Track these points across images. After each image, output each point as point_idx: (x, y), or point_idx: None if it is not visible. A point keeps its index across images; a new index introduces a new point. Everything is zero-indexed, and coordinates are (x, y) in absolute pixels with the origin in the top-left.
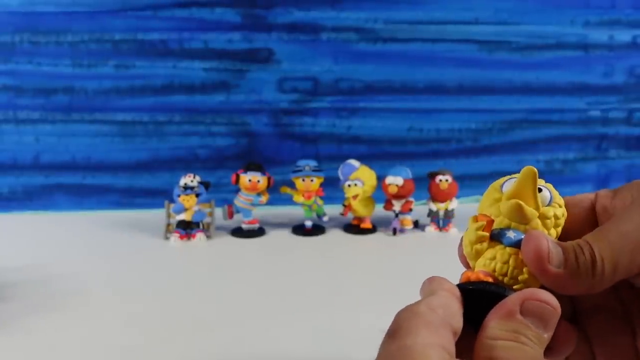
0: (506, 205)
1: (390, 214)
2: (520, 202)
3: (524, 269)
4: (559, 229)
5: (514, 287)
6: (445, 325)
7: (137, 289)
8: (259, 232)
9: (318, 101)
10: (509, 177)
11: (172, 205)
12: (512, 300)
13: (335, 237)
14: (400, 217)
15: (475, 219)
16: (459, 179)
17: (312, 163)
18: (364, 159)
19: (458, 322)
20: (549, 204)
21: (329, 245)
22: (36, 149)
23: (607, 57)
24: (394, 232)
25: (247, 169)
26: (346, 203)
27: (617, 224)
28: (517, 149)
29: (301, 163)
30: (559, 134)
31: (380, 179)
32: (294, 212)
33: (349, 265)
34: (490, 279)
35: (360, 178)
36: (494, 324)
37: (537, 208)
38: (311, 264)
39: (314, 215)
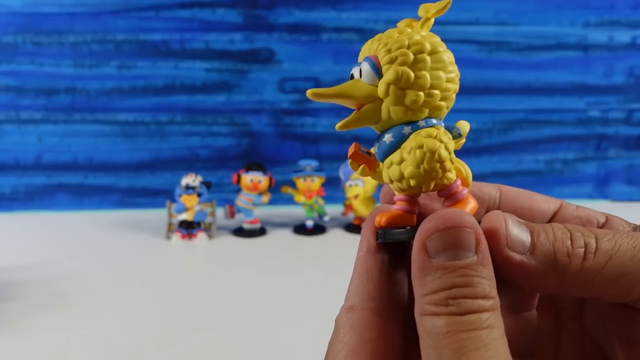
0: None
1: None
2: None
3: (420, 164)
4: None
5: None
6: (363, 344)
7: (139, 289)
8: (260, 232)
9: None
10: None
11: (173, 205)
12: (416, 249)
13: (336, 236)
14: None
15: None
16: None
17: (313, 163)
18: None
19: (380, 299)
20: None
21: (330, 245)
22: (38, 149)
23: (606, 58)
24: None
25: (249, 168)
26: (347, 203)
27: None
28: (517, 149)
29: (302, 163)
30: (559, 134)
31: None
32: (295, 212)
33: (350, 264)
34: (398, 214)
35: (361, 178)
36: (418, 292)
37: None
38: (312, 263)
39: (315, 215)
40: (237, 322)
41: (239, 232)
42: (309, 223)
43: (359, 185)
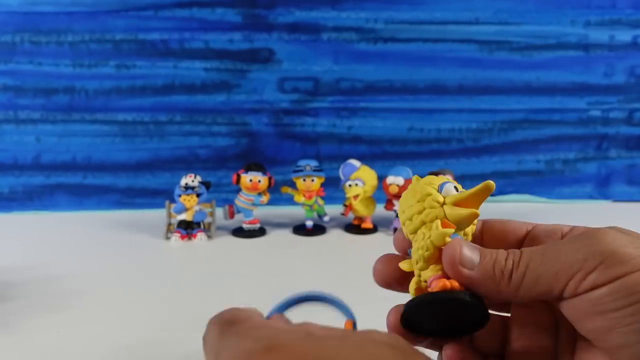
0: (461, 213)
1: (391, 213)
2: (478, 212)
3: None
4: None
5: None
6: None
7: (138, 289)
8: (259, 232)
9: (319, 101)
10: (439, 177)
11: (173, 205)
12: None
13: (336, 237)
14: None
15: (444, 224)
16: (460, 179)
17: (313, 163)
18: (364, 158)
19: None
20: None
21: (329, 245)
22: (37, 148)
23: (607, 57)
24: (395, 231)
25: (248, 168)
26: (347, 203)
27: (558, 243)
28: (518, 149)
29: (302, 163)
30: (560, 134)
31: (381, 178)
32: (294, 212)
33: (350, 265)
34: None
35: (361, 178)
36: None
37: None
38: (312, 264)
39: (315, 215)
40: None
41: (239, 232)
42: (309, 223)
43: (358, 186)
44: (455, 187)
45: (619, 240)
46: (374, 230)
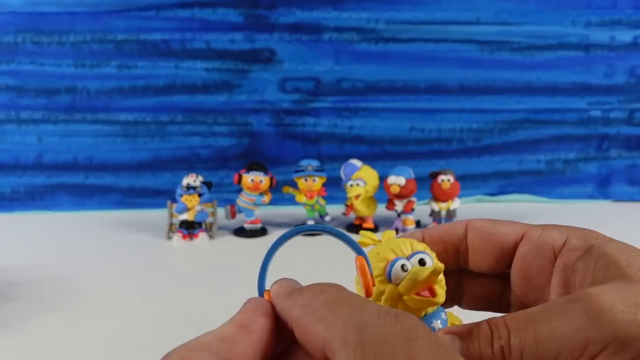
0: (423, 301)
1: (393, 213)
2: (439, 300)
3: None
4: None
5: None
6: None
7: (140, 289)
8: (261, 232)
9: (320, 101)
10: (383, 253)
11: (174, 205)
12: None
13: None
14: (403, 217)
15: None
16: (461, 178)
17: (315, 163)
18: (366, 158)
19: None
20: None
21: (331, 245)
22: (38, 149)
23: (608, 58)
24: (396, 231)
25: (250, 168)
26: (348, 203)
27: (552, 319)
28: (519, 148)
29: (303, 163)
30: (560, 134)
31: (382, 178)
32: (296, 212)
33: (352, 265)
34: None
35: (362, 178)
36: None
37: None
38: (314, 263)
39: (317, 215)
40: None
41: (240, 232)
42: (310, 223)
43: (360, 185)
44: (423, 260)
45: (619, 311)
46: (375, 230)
